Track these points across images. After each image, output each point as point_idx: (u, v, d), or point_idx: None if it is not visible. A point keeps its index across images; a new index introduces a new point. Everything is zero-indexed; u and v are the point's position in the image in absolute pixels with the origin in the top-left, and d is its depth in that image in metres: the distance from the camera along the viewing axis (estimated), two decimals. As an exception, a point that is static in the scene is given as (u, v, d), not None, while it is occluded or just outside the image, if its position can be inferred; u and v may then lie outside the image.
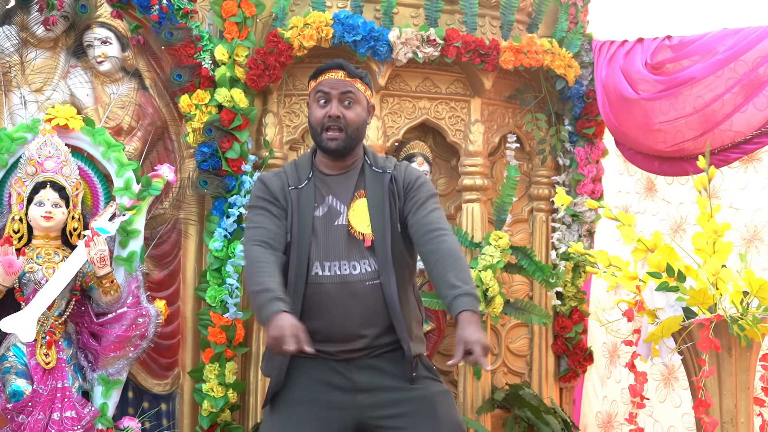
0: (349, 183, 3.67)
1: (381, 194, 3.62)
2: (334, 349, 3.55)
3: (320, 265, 3.57)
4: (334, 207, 3.63)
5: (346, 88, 3.61)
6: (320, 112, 3.60)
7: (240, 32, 5.13)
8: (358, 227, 3.59)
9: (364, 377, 3.55)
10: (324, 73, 3.64)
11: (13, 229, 4.72)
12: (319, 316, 3.55)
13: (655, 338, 4.02)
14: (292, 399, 3.59)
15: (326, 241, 3.59)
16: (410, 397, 3.55)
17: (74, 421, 4.59)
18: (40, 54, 5.14)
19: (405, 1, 5.34)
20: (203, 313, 5.12)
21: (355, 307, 3.54)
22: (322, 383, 3.56)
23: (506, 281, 5.59)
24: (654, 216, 5.70)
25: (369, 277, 3.56)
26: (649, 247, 4.15)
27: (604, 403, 5.91)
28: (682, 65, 5.19)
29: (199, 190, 5.14)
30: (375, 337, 3.56)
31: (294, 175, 3.68)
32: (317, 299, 3.55)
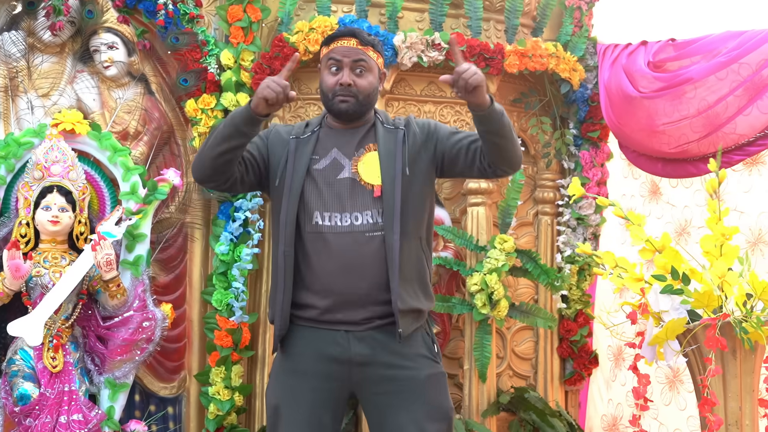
0: (357, 137, 3.68)
1: (393, 147, 3.64)
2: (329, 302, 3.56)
3: (320, 215, 3.59)
4: (337, 160, 3.65)
5: (358, 56, 3.63)
6: (332, 79, 3.62)
7: (246, 37, 5.15)
8: (367, 178, 3.60)
9: (361, 349, 3.57)
10: (336, 40, 3.65)
11: (20, 233, 4.73)
12: (318, 266, 3.57)
13: (659, 341, 4.02)
14: (292, 369, 3.63)
15: (328, 193, 3.60)
16: (401, 376, 3.57)
17: (81, 424, 4.60)
18: (46, 59, 5.17)
19: (410, 6, 5.35)
20: (209, 317, 5.14)
21: (354, 258, 3.54)
22: (321, 354, 3.59)
23: (511, 284, 5.59)
24: (659, 219, 5.70)
25: (371, 228, 3.57)
26: (657, 248, 4.15)
27: (609, 406, 5.92)
28: (683, 64, 5.20)
29: (205, 194, 5.18)
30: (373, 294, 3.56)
31: (301, 128, 3.74)
32: (315, 249, 3.57)
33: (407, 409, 3.56)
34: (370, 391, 3.62)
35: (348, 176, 3.62)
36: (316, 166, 3.64)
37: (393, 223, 3.54)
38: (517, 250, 5.34)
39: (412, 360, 3.61)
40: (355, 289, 3.56)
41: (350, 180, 3.61)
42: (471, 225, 5.43)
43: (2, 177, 4.82)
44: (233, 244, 5.12)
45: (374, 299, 3.57)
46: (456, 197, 5.60)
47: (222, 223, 5.15)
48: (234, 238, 5.12)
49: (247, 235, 5.12)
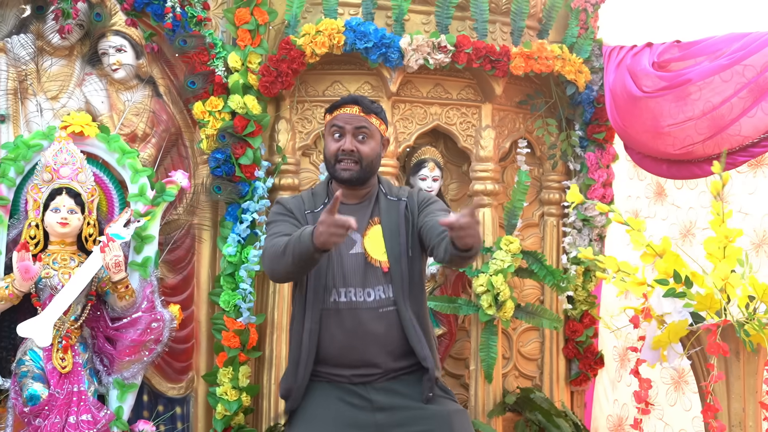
0: (363, 212, 3.71)
1: (396, 221, 3.68)
2: (349, 373, 3.62)
3: (337, 292, 3.62)
4: (349, 236, 3.63)
5: (360, 123, 3.67)
6: (334, 145, 3.66)
7: (253, 40, 5.17)
8: (374, 254, 3.64)
9: (381, 397, 3.60)
10: (339, 108, 3.71)
11: (29, 235, 4.75)
12: (334, 341, 3.61)
13: (662, 343, 4.04)
14: (312, 416, 3.63)
15: (343, 269, 3.64)
16: (427, 415, 3.60)
17: (90, 424, 4.61)
18: (55, 62, 5.18)
19: (416, 8, 5.37)
20: (217, 318, 5.16)
21: (368, 334, 3.59)
22: (341, 402, 3.61)
23: (517, 285, 5.61)
24: (664, 220, 5.72)
25: (384, 304, 3.62)
26: (658, 252, 4.17)
27: (615, 407, 5.93)
28: (687, 65, 5.20)
29: (213, 195, 5.20)
30: (389, 362, 3.62)
31: (310, 201, 3.75)
32: (333, 325, 3.61)
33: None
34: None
35: (360, 251, 3.66)
36: None
37: (404, 298, 3.61)
38: (523, 251, 5.35)
39: (432, 401, 3.65)
40: (374, 361, 3.61)
41: (360, 255, 3.65)
42: (477, 226, 5.44)
43: (12, 179, 4.83)
44: (241, 246, 5.14)
45: (392, 366, 3.63)
46: (462, 198, 5.63)
47: (229, 224, 5.17)
48: (241, 239, 5.14)
49: (255, 236, 5.14)
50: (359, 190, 3.72)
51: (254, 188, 5.15)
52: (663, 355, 4.10)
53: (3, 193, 4.81)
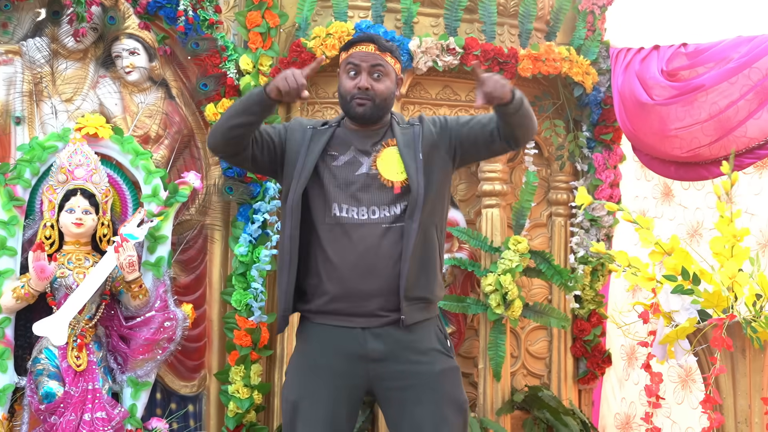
0: (374, 136, 3.75)
1: (411, 141, 3.71)
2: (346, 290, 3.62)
3: (338, 207, 3.65)
4: (356, 158, 3.72)
5: (375, 61, 3.70)
6: (350, 83, 3.70)
7: (264, 42, 5.20)
8: (387, 175, 3.67)
9: (377, 345, 3.63)
10: (355, 45, 3.73)
11: (44, 235, 4.79)
12: (335, 258, 3.62)
13: (670, 340, 4.08)
14: (309, 365, 3.70)
15: (347, 188, 3.67)
16: (417, 371, 3.63)
17: (104, 421, 4.65)
18: (70, 65, 5.20)
19: (425, 11, 5.41)
20: (229, 317, 5.20)
21: (371, 248, 3.60)
22: (338, 350, 3.65)
23: (525, 285, 5.64)
24: (671, 221, 5.73)
25: (387, 221, 3.63)
26: (667, 250, 4.21)
27: (623, 405, 5.95)
28: (697, 72, 5.23)
29: (225, 196, 5.23)
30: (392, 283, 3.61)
31: (319, 122, 3.83)
32: (333, 238, 3.64)
33: (423, 403, 3.62)
34: (386, 386, 3.68)
35: (365, 172, 3.69)
36: (335, 162, 3.72)
37: (415, 212, 3.61)
38: (531, 251, 5.39)
39: (426, 354, 3.67)
40: (368, 279, 3.62)
41: (369, 175, 3.68)
42: (485, 226, 5.48)
43: (27, 180, 4.87)
44: (252, 246, 5.18)
45: (387, 290, 3.63)
46: (471, 199, 5.65)
47: (241, 224, 5.21)
48: (253, 239, 5.18)
49: (266, 236, 5.18)
50: (372, 127, 3.76)
51: (265, 189, 5.19)
52: (670, 351, 4.13)
53: (19, 194, 4.85)
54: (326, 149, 3.73)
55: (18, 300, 4.71)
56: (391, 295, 3.63)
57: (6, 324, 4.77)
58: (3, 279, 4.78)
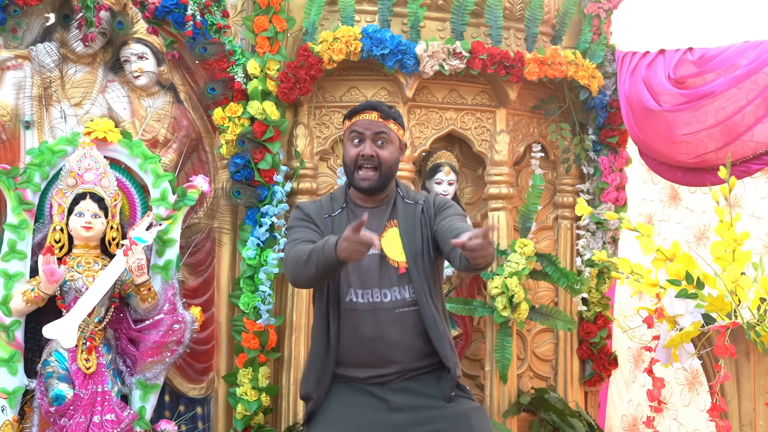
0: (381, 216, 3.76)
1: (412, 223, 3.73)
2: (365, 374, 3.66)
3: (354, 292, 3.66)
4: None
5: (379, 128, 3.71)
6: (354, 150, 3.71)
7: (271, 47, 5.23)
8: (391, 255, 3.68)
9: (398, 398, 3.65)
10: (358, 114, 3.75)
11: (54, 238, 4.82)
12: (352, 342, 3.65)
13: (674, 344, 4.09)
14: (330, 417, 3.69)
15: (360, 270, 3.67)
16: (445, 414, 3.64)
17: (114, 423, 4.68)
18: (79, 69, 5.23)
19: (431, 15, 5.43)
20: (237, 320, 5.22)
21: (386, 334, 3.63)
22: (358, 403, 3.66)
23: (532, 287, 5.66)
24: (678, 224, 5.74)
25: (400, 305, 3.66)
26: (668, 257, 4.22)
27: (630, 407, 5.95)
28: (705, 79, 5.23)
29: (233, 200, 5.26)
30: (407, 363, 3.66)
31: (329, 205, 3.80)
32: (350, 325, 3.66)
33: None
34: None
35: (376, 253, 3.68)
36: None
37: (425, 298, 3.65)
38: (537, 253, 5.41)
39: (450, 399, 3.69)
40: (390, 360, 3.65)
41: (377, 256, 3.68)
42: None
43: (37, 184, 4.90)
44: (260, 249, 5.20)
45: (409, 367, 3.68)
46: (477, 202, 5.68)
47: (249, 228, 5.23)
48: (261, 242, 5.20)
49: (274, 239, 5.21)
50: (378, 196, 3.77)
51: (273, 192, 5.21)
52: (675, 354, 4.15)
53: (28, 198, 4.89)
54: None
55: (28, 303, 4.75)
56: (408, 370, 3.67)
57: (16, 327, 4.80)
58: (13, 282, 4.81)
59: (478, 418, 3.69)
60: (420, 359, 3.69)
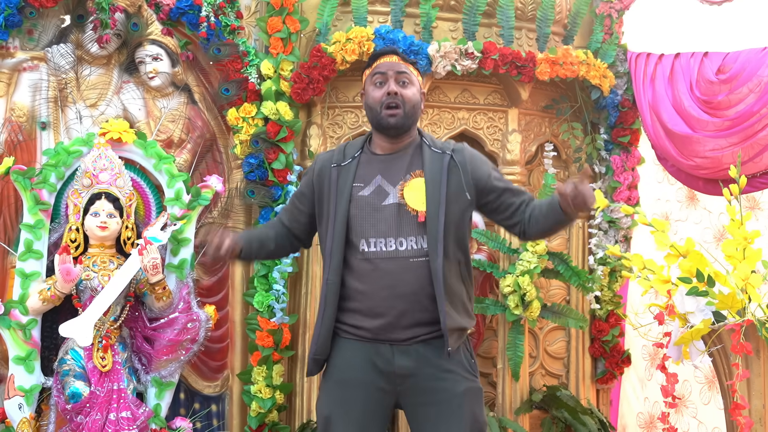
0: (401, 163, 3.75)
1: (439, 173, 3.70)
2: (375, 324, 3.65)
3: (366, 242, 3.66)
4: (382, 188, 3.72)
5: (401, 68, 3.75)
6: (378, 92, 3.73)
7: (285, 47, 5.26)
8: (412, 204, 3.67)
9: (404, 361, 3.66)
10: (379, 58, 3.81)
11: (70, 238, 4.86)
12: (362, 291, 3.66)
13: (685, 341, 4.11)
14: (339, 379, 3.73)
15: (373, 219, 3.68)
16: (441, 388, 3.66)
17: (129, 421, 4.71)
18: (94, 70, 5.28)
19: (444, 16, 5.46)
20: (251, 318, 5.26)
21: (400, 283, 3.63)
22: (366, 364, 3.68)
23: (544, 286, 5.68)
24: (697, 224, 5.72)
25: (416, 254, 3.65)
26: (682, 253, 4.24)
27: (646, 405, 5.95)
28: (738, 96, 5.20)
29: (247, 199, 5.30)
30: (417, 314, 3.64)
31: (341, 153, 3.82)
32: (364, 274, 3.66)
33: (445, 420, 3.66)
34: (411, 401, 3.71)
35: (394, 202, 3.69)
36: (361, 192, 3.73)
37: (437, 248, 3.63)
38: (549, 252, 5.42)
39: (451, 373, 3.70)
40: (401, 312, 3.65)
41: (396, 206, 3.68)
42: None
43: (53, 184, 4.94)
44: (274, 248, 5.23)
45: (419, 320, 3.67)
46: (489, 201, 5.70)
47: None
48: (274, 242, 5.23)
49: (288, 239, 5.23)
50: (401, 140, 3.77)
51: (287, 192, 5.24)
52: (685, 352, 4.17)
53: (44, 198, 4.93)
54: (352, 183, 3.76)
55: (44, 302, 4.79)
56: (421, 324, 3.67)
57: (33, 325, 4.86)
58: (30, 281, 4.86)
59: (470, 402, 3.71)
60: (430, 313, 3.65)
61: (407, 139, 3.79)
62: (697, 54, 5.37)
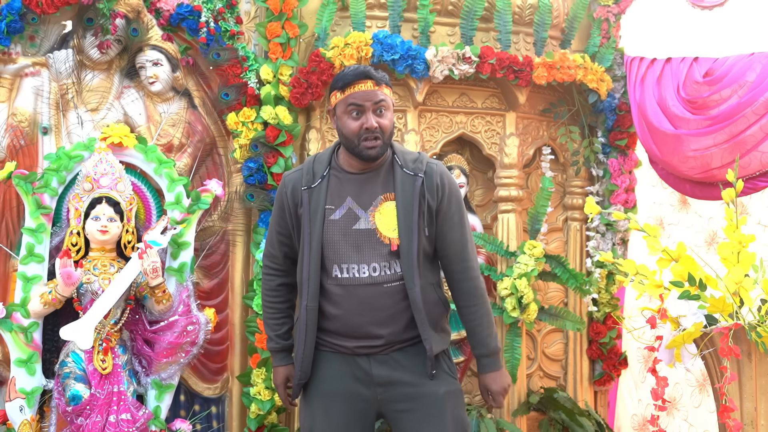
0: (372, 185, 3.72)
1: (411, 198, 3.67)
2: (352, 344, 3.69)
3: (338, 268, 3.66)
4: (352, 210, 3.69)
5: (378, 98, 3.65)
6: (355, 123, 3.64)
7: (284, 52, 5.29)
8: (385, 231, 3.66)
9: (381, 371, 3.69)
10: (353, 86, 3.66)
11: (71, 242, 4.88)
12: (338, 316, 3.68)
13: (677, 344, 4.14)
14: (320, 391, 3.76)
15: (345, 244, 3.66)
16: (422, 393, 3.69)
17: (129, 423, 4.72)
18: (95, 76, 5.30)
19: (441, 20, 5.48)
20: (251, 321, 5.29)
21: (372, 308, 3.65)
22: (345, 376, 3.72)
23: (541, 288, 5.70)
24: (689, 228, 5.73)
25: (389, 279, 3.66)
26: (674, 257, 4.26)
27: (640, 406, 5.98)
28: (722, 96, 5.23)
29: (246, 203, 5.33)
30: (394, 335, 3.68)
31: (309, 173, 3.76)
32: (338, 301, 3.67)
33: (428, 424, 3.69)
34: (393, 409, 3.74)
35: (365, 227, 3.67)
36: (331, 216, 3.70)
37: (413, 277, 3.64)
38: (546, 255, 5.46)
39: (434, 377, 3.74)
40: (378, 334, 3.69)
41: (367, 231, 3.67)
42: (501, 231, 5.56)
43: (54, 189, 4.97)
44: (273, 251, 5.25)
45: (396, 336, 3.71)
46: (487, 204, 5.73)
47: (262, 230, 5.28)
48: (273, 245, 5.25)
49: (287, 242, 5.25)
50: (374, 165, 3.73)
51: (286, 196, 5.26)
52: (678, 355, 4.19)
53: (46, 202, 4.95)
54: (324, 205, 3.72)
55: (45, 305, 4.82)
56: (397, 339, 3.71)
57: (34, 328, 4.89)
58: (31, 285, 4.89)
59: (452, 404, 3.74)
60: (407, 331, 3.70)
61: (379, 160, 3.75)
62: (688, 59, 5.39)
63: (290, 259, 3.88)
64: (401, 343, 3.72)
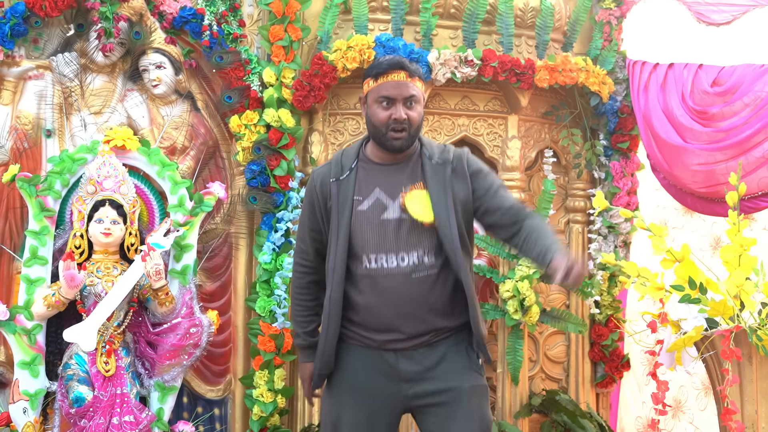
0: (400, 176, 3.69)
1: (443, 185, 3.65)
2: (381, 338, 3.67)
3: (367, 258, 3.64)
4: (380, 201, 3.67)
5: (409, 91, 3.62)
6: (384, 113, 3.62)
7: (287, 55, 5.30)
8: (418, 216, 3.61)
9: (408, 367, 3.66)
10: (386, 75, 3.65)
11: (74, 245, 4.91)
12: (365, 306, 3.66)
13: (678, 347, 4.16)
14: (346, 385, 3.73)
15: (372, 234, 3.64)
16: (448, 388, 3.66)
17: (132, 425, 4.75)
18: (98, 79, 5.31)
19: (443, 23, 5.49)
20: (253, 323, 5.30)
21: (401, 300, 3.62)
22: (371, 370, 3.69)
23: (543, 291, 5.70)
24: (693, 232, 5.76)
25: (418, 269, 3.63)
26: (678, 258, 4.28)
27: (644, 408, 5.99)
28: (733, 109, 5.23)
29: (249, 205, 5.33)
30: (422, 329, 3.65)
31: (338, 166, 3.75)
32: (366, 290, 3.65)
33: (453, 418, 3.66)
34: (419, 404, 3.71)
35: (394, 216, 3.65)
36: (360, 207, 3.68)
37: (456, 258, 3.61)
38: (548, 257, 5.46)
39: (456, 372, 3.70)
40: (404, 327, 3.65)
41: (397, 220, 3.65)
42: (504, 234, 5.56)
43: (58, 191, 5.00)
44: (275, 254, 5.27)
45: (422, 331, 3.68)
46: (490, 206, 5.74)
47: (265, 233, 5.30)
48: (276, 247, 5.27)
49: (289, 244, 5.26)
50: (401, 156, 3.71)
51: (288, 198, 5.28)
52: (678, 358, 4.21)
53: (49, 205, 4.98)
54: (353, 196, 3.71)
55: (49, 307, 4.85)
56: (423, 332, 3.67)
57: (37, 331, 4.92)
58: (35, 287, 4.92)
59: (477, 399, 3.71)
60: (436, 324, 3.67)
61: (408, 152, 3.74)
62: (691, 65, 5.39)
63: (321, 255, 3.83)
64: (427, 338, 3.68)
